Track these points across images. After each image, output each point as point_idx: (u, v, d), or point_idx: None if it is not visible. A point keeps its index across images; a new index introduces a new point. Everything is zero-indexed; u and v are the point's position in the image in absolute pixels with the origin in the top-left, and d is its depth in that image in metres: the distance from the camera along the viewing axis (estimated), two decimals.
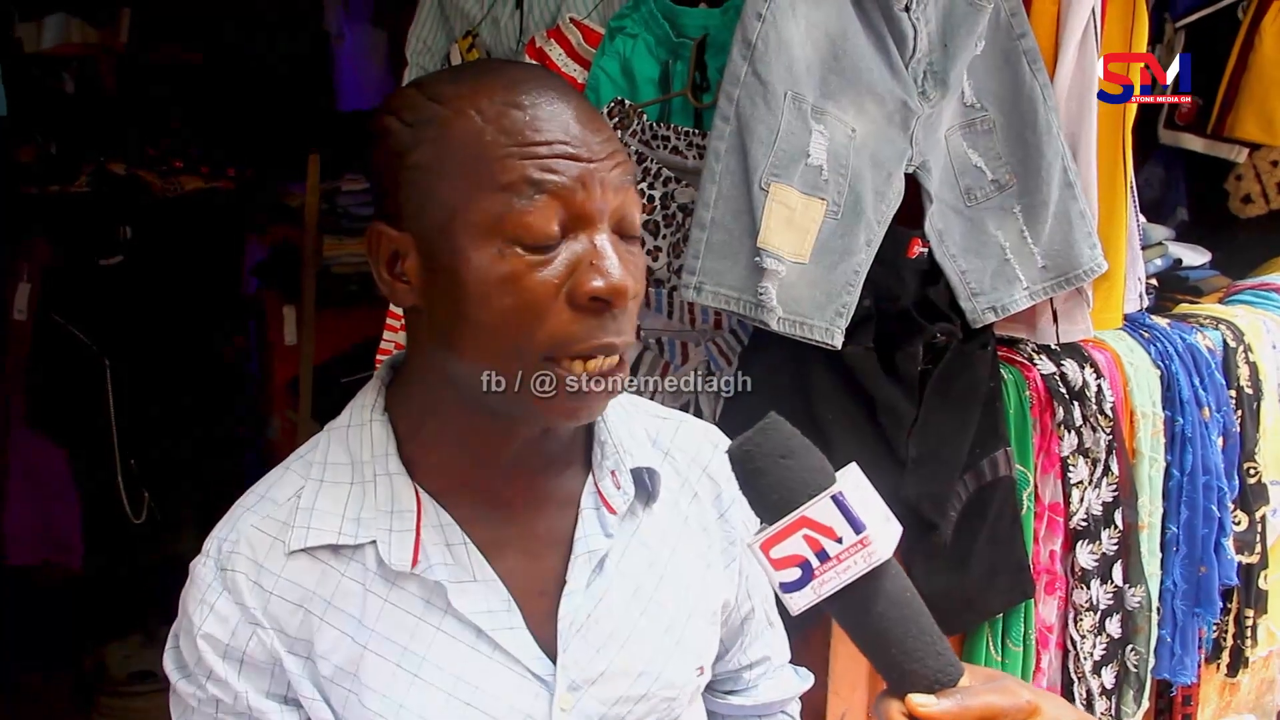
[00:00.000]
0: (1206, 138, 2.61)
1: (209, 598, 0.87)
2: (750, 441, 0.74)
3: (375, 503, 0.87)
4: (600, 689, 0.91)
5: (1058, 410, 1.83)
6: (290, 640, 0.86)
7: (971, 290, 1.67)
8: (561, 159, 0.80)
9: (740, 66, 1.48)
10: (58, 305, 3.16)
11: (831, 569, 0.72)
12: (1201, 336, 2.09)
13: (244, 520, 0.90)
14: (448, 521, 0.88)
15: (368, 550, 0.87)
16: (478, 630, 0.87)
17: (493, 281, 0.80)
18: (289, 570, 0.87)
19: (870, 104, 1.55)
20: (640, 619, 0.93)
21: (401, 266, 0.85)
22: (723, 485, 1.03)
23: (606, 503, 0.92)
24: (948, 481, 1.70)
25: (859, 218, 1.54)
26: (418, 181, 0.82)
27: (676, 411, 1.07)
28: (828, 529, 0.72)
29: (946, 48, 1.60)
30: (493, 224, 0.80)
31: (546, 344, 0.81)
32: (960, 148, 1.67)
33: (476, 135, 0.80)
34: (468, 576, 0.88)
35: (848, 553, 0.72)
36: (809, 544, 0.72)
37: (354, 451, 0.90)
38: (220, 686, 0.86)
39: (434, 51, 2.30)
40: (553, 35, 1.78)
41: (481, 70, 0.86)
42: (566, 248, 0.81)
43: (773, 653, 1.14)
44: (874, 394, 1.62)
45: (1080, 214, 1.70)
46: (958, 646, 1.89)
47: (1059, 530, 1.88)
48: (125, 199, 3.29)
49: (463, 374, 0.84)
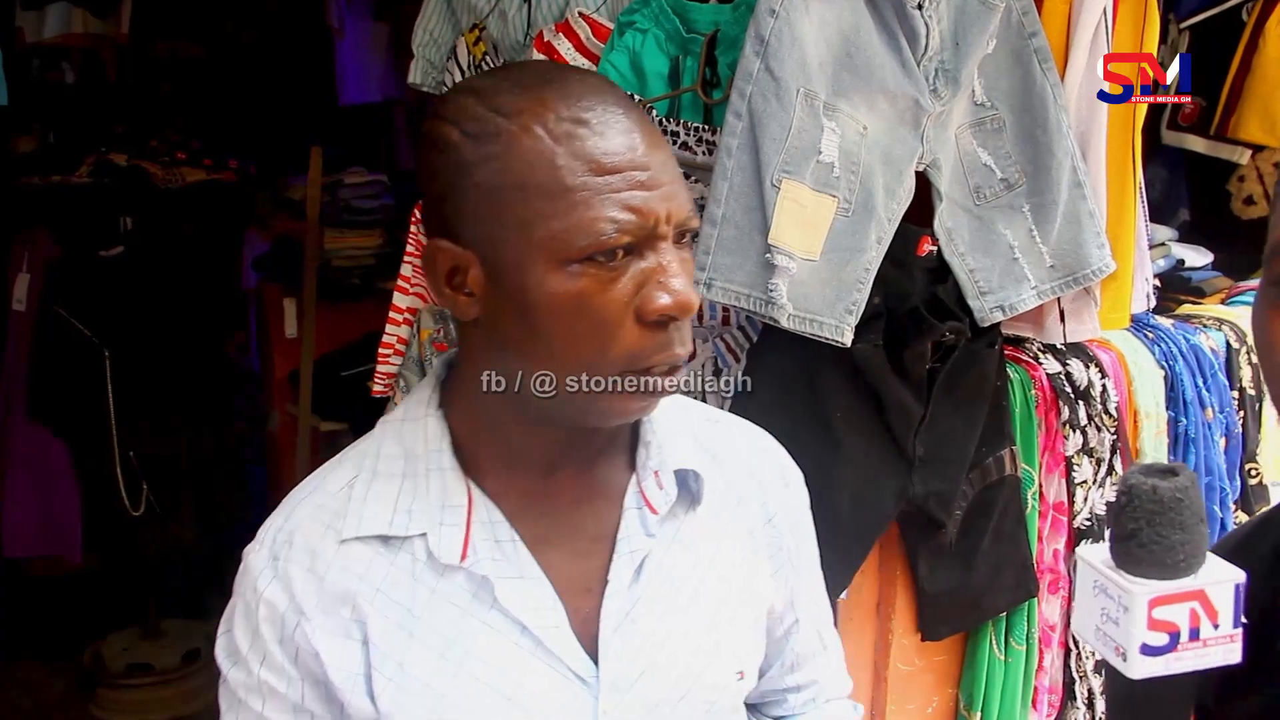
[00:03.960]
0: (1209, 139, 2.60)
1: (260, 585, 0.88)
2: (1181, 489, 0.72)
3: (427, 496, 0.88)
4: (640, 690, 0.91)
5: (1063, 410, 1.83)
6: (343, 624, 0.87)
7: (980, 289, 1.67)
8: (635, 189, 0.81)
9: (753, 63, 1.48)
10: (58, 296, 3.15)
11: (1195, 650, 0.70)
12: (1205, 337, 2.09)
13: (299, 510, 0.91)
14: (498, 518, 0.89)
15: (417, 542, 0.88)
16: (522, 627, 0.88)
17: (564, 301, 0.81)
18: (341, 558, 0.88)
19: (882, 101, 1.55)
20: (679, 620, 0.94)
21: (463, 280, 0.85)
22: (770, 490, 1.03)
23: (649, 503, 0.93)
24: (954, 480, 1.70)
25: (870, 215, 1.54)
26: (483, 200, 0.82)
27: (727, 415, 1.07)
28: (1215, 611, 0.70)
29: (958, 46, 1.60)
30: (564, 247, 0.80)
31: (620, 361, 0.83)
32: (970, 146, 1.67)
33: (546, 158, 0.81)
34: (515, 573, 0.88)
35: (1215, 641, 0.70)
36: (1190, 618, 0.70)
37: (408, 445, 0.91)
38: (275, 673, 0.88)
39: (440, 44, 2.29)
40: (561, 29, 1.77)
41: (541, 80, 0.85)
42: (633, 264, 0.82)
43: (823, 679, 1.12)
44: (882, 392, 1.62)
45: (1089, 214, 1.70)
46: (961, 645, 1.90)
47: (1063, 529, 1.88)
48: (127, 190, 3.28)
49: (528, 383, 0.85)
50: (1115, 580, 0.72)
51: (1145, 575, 0.71)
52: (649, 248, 0.82)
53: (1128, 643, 0.71)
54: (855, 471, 1.62)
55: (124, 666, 3.27)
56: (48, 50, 3.72)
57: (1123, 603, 0.71)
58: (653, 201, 0.81)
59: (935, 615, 1.79)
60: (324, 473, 0.94)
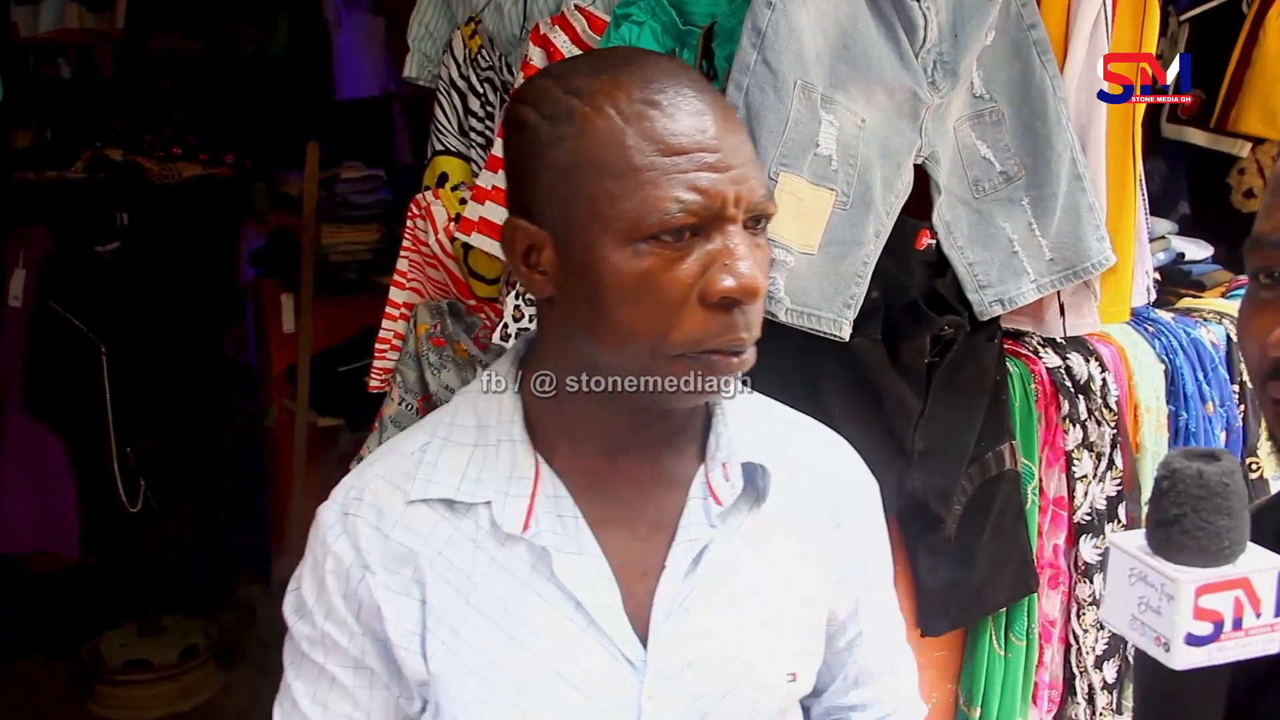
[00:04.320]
0: (1209, 132, 2.59)
1: (329, 539, 0.91)
2: (1228, 474, 0.70)
3: (496, 466, 0.91)
4: (687, 679, 0.91)
5: (1063, 404, 1.83)
6: (404, 582, 0.90)
7: (979, 282, 1.66)
8: (702, 170, 0.81)
9: (750, 55, 1.47)
10: (54, 292, 3.14)
11: (1237, 640, 0.69)
12: (1205, 331, 2.09)
13: (370, 470, 0.94)
14: (562, 494, 0.91)
15: (482, 510, 0.90)
16: (576, 602, 0.89)
17: (629, 280, 0.82)
18: (407, 518, 0.91)
19: (880, 94, 1.54)
20: (733, 613, 0.94)
21: (538, 258, 0.87)
22: (841, 496, 1.03)
23: (714, 493, 0.93)
24: (953, 475, 1.69)
25: (868, 208, 1.53)
26: (556, 179, 0.84)
27: (806, 418, 1.07)
28: (1258, 599, 0.69)
29: (957, 38, 1.59)
30: (630, 226, 0.81)
31: (681, 342, 0.83)
32: (969, 139, 1.66)
33: (617, 137, 0.82)
34: (574, 549, 0.90)
35: (1259, 630, 0.69)
36: (1234, 606, 0.69)
37: (482, 416, 0.93)
38: (338, 625, 0.91)
39: (436, 37, 2.29)
40: (557, 22, 1.76)
41: (618, 62, 0.86)
42: (699, 245, 0.83)
43: (890, 702, 1.11)
44: (881, 386, 1.61)
45: (1089, 206, 1.69)
46: (961, 640, 1.89)
47: (1062, 524, 1.87)
48: (122, 185, 3.27)
49: (597, 361, 0.87)
50: (1157, 568, 0.70)
51: (1188, 563, 0.70)
52: (716, 230, 0.83)
53: (1171, 633, 0.69)
54: None
55: (122, 663, 3.26)
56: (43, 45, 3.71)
57: (1166, 591, 0.69)
58: (720, 183, 0.82)
59: (935, 611, 1.78)
60: (401, 437, 0.97)
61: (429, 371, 1.99)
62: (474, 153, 2.07)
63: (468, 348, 1.96)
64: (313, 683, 0.93)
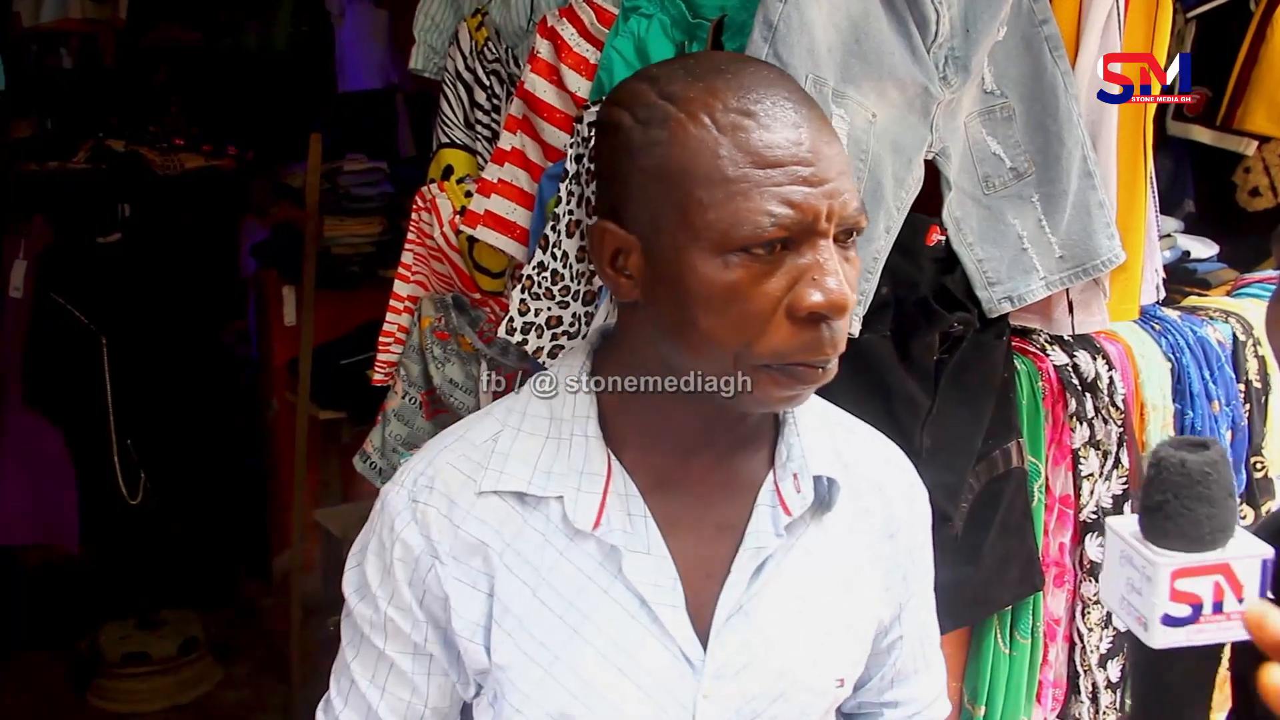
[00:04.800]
0: (1215, 130, 2.59)
1: (398, 526, 0.91)
2: (1210, 463, 0.72)
3: (568, 460, 0.91)
4: (742, 682, 0.92)
5: (1070, 402, 1.82)
6: (472, 574, 0.91)
7: (988, 279, 1.65)
8: (795, 184, 0.81)
9: (761, 48, 1.46)
10: (55, 283, 3.14)
11: (1217, 623, 0.71)
12: (1212, 329, 2.08)
13: (441, 456, 0.94)
14: (633, 492, 0.91)
15: (553, 504, 0.91)
16: (641, 600, 0.90)
17: (717, 291, 0.82)
18: (478, 509, 0.91)
19: (891, 89, 1.53)
20: (791, 621, 0.95)
21: (625, 262, 0.87)
22: (895, 506, 1.04)
23: (784, 503, 0.94)
24: (961, 472, 1.68)
25: (879, 204, 1.52)
26: (649, 184, 0.84)
27: (861, 423, 1.08)
28: (1240, 584, 0.70)
29: (969, 33, 1.58)
30: (721, 237, 0.81)
31: (766, 354, 0.83)
32: (979, 135, 1.65)
33: (710, 146, 0.81)
34: (642, 548, 0.90)
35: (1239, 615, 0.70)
36: (1214, 591, 0.70)
37: (555, 409, 0.93)
38: (401, 612, 0.92)
39: (442, 29, 2.28)
40: (565, 14, 1.75)
41: (715, 69, 0.85)
42: (789, 258, 0.82)
43: (921, 699, 1.13)
44: (890, 383, 1.60)
45: (1099, 204, 1.68)
46: (965, 638, 1.88)
47: (1069, 523, 1.87)
48: (124, 176, 3.26)
49: (678, 364, 0.87)
50: (1140, 550, 0.73)
51: (1171, 547, 0.72)
52: (807, 244, 0.82)
53: (1150, 613, 0.72)
54: None
55: (121, 656, 3.26)
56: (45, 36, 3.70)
57: (1146, 573, 0.72)
58: (814, 197, 0.81)
59: (940, 608, 1.75)
60: (469, 423, 0.97)
61: (433, 365, 1.98)
62: (480, 145, 2.06)
63: (472, 341, 1.95)
64: (371, 665, 0.94)
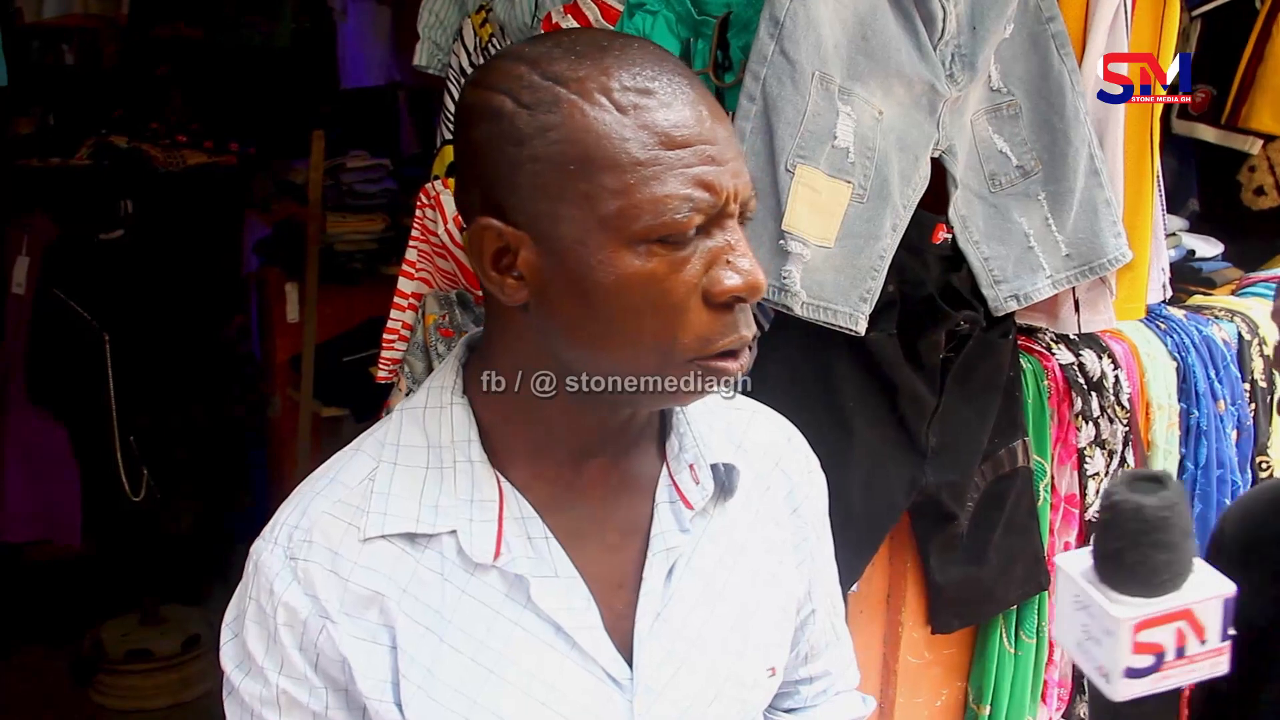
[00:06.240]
0: (1220, 128, 2.58)
1: (278, 588, 0.82)
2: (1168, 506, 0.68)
3: (455, 490, 0.83)
4: (674, 691, 0.88)
5: (1076, 401, 1.82)
6: (370, 628, 0.82)
7: (994, 278, 1.65)
8: (705, 165, 0.76)
9: (768, 45, 1.46)
10: (57, 280, 3.13)
11: (1180, 667, 0.68)
12: (1217, 329, 2.08)
13: (314, 505, 0.85)
14: (529, 513, 0.85)
15: (445, 540, 0.83)
16: (556, 627, 0.84)
17: (632, 283, 0.76)
18: (364, 557, 0.82)
19: (898, 86, 1.52)
20: (710, 616, 0.91)
21: (512, 262, 0.79)
22: (795, 481, 1.00)
23: (684, 497, 0.89)
24: (967, 471, 1.68)
25: (885, 201, 1.52)
26: (541, 174, 0.76)
27: (749, 401, 1.03)
28: (1202, 627, 0.68)
29: (975, 30, 1.58)
30: (632, 224, 0.75)
31: (692, 346, 0.78)
32: (986, 132, 1.64)
33: (613, 129, 0.75)
34: (549, 571, 0.84)
35: (1204, 656, 0.68)
36: (1177, 638, 0.68)
37: (431, 434, 0.85)
38: (294, 681, 0.82)
39: (446, 26, 2.27)
40: (570, 11, 1.75)
41: (599, 46, 0.79)
42: (700, 242, 0.77)
43: (835, 671, 1.10)
44: (896, 381, 1.60)
45: (1106, 202, 1.68)
46: (971, 638, 1.88)
47: (1074, 522, 1.86)
48: (127, 173, 3.25)
49: (579, 366, 0.81)
50: (1097, 600, 0.70)
51: (1130, 592, 0.69)
52: (717, 226, 0.78)
53: (1112, 665, 0.69)
54: (868, 462, 1.60)
55: (124, 652, 3.26)
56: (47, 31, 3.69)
57: (1106, 626, 0.68)
58: (723, 177, 0.77)
59: (945, 608, 1.77)
60: (339, 463, 0.88)
61: (437, 362, 1.98)
62: None
63: None
64: None
